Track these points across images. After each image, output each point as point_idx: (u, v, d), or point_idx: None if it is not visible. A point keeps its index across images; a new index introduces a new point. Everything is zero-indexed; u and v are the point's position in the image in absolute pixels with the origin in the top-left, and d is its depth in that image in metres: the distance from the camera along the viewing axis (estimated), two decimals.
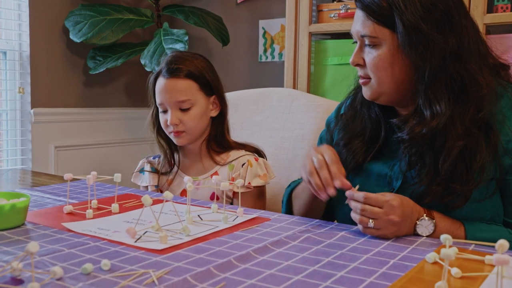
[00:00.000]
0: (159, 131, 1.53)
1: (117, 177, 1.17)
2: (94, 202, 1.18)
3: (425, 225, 1.00)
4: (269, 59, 2.95)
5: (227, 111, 1.52)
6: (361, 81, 1.13)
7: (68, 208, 1.13)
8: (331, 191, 1.03)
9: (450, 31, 1.02)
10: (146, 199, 0.94)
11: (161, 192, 1.56)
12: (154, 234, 0.95)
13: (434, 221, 1.00)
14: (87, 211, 1.10)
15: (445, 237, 0.70)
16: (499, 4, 1.93)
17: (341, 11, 2.25)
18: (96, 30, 2.72)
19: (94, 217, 1.10)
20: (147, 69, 2.63)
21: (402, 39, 1.02)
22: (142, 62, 2.65)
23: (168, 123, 1.44)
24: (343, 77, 2.25)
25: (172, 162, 1.55)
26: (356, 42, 1.11)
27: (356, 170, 1.17)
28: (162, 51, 2.62)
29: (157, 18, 2.96)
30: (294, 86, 2.34)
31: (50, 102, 2.79)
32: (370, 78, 1.09)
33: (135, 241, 0.91)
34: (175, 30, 2.69)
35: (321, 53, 2.34)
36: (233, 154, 1.50)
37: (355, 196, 0.99)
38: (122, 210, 1.16)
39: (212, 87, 1.48)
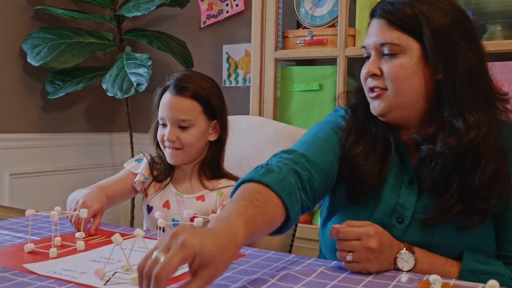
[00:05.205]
0: (160, 144, 1.50)
1: (83, 212, 1.11)
2: (58, 239, 1.12)
3: (405, 259, 0.98)
4: (233, 84, 2.93)
5: (226, 139, 1.50)
6: (372, 94, 1.07)
7: (30, 246, 1.06)
8: None
9: (471, 46, 1.01)
10: (117, 238, 0.88)
11: (146, 196, 1.52)
12: (124, 275, 0.90)
13: (414, 254, 0.98)
14: (51, 249, 1.03)
15: (434, 278, 0.68)
16: None
17: (306, 38, 2.26)
18: (55, 54, 2.63)
19: (58, 256, 1.03)
20: (109, 94, 2.56)
21: (430, 47, 1.00)
22: (104, 86, 2.58)
23: (165, 138, 1.42)
24: (309, 104, 2.27)
25: (169, 174, 1.51)
26: (367, 57, 1.08)
27: (367, 195, 1.09)
28: (124, 75, 2.56)
29: (119, 42, 2.90)
30: (260, 112, 2.32)
31: (5, 127, 2.68)
32: (385, 89, 1.05)
33: (104, 284, 0.86)
34: (138, 55, 2.63)
35: (286, 79, 2.34)
36: (223, 182, 1.47)
37: (330, 232, 0.96)
38: (88, 247, 1.10)
39: (216, 112, 1.46)
